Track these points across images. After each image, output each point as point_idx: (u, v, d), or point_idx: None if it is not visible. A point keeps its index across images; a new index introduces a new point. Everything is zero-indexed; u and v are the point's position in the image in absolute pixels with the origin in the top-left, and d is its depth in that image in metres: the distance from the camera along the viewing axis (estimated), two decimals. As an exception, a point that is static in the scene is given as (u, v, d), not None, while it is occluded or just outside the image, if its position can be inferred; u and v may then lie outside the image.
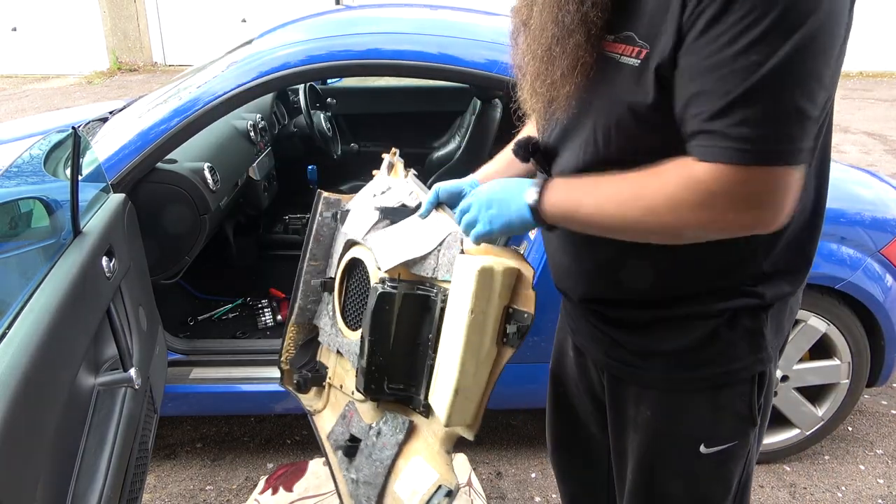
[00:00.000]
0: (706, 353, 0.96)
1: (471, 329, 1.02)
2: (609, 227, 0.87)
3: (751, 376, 0.98)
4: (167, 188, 2.03)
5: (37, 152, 1.35)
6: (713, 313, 0.94)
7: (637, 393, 1.04)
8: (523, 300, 1.02)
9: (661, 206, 0.79)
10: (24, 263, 1.29)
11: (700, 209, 0.77)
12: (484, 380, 1.06)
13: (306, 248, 1.50)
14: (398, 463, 1.19)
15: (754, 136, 0.72)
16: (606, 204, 0.85)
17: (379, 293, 1.15)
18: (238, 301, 2.66)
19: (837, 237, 1.98)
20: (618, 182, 0.84)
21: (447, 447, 1.13)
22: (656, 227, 0.83)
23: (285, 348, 1.55)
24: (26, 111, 7.37)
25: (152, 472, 2.16)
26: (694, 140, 0.77)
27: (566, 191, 0.91)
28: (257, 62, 1.98)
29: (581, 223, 0.90)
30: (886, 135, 6.50)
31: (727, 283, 0.94)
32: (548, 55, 0.86)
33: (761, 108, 0.72)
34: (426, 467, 1.13)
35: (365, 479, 1.25)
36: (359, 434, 1.31)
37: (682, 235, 0.83)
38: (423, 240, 1.18)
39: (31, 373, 1.00)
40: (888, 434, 2.39)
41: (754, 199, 0.76)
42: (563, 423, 1.29)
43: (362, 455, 1.28)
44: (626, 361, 1.03)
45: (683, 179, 0.77)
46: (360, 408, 1.32)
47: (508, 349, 1.05)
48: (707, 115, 0.74)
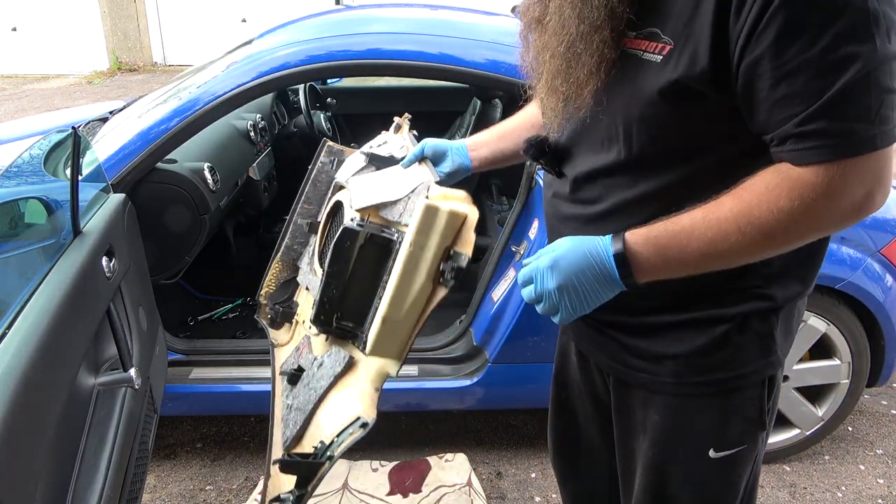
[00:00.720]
0: (717, 358, 0.95)
1: (408, 261, 1.03)
2: (722, 262, 0.84)
3: (761, 380, 0.97)
4: (167, 188, 2.03)
5: (37, 152, 1.35)
6: (725, 318, 0.94)
7: (644, 397, 1.03)
8: (464, 243, 1.03)
9: (778, 223, 0.78)
10: (24, 263, 1.29)
11: (819, 212, 0.77)
12: (414, 316, 1.07)
13: (302, 190, 1.54)
14: (330, 394, 1.21)
15: (857, 129, 0.73)
16: (714, 244, 0.81)
17: (343, 227, 1.17)
18: (238, 301, 2.66)
19: (837, 237, 1.98)
20: (715, 215, 0.80)
21: (377, 385, 1.15)
22: (776, 245, 0.81)
23: (266, 283, 1.57)
24: (26, 111, 7.37)
25: (152, 472, 2.16)
26: (787, 144, 0.76)
27: (657, 240, 0.84)
28: (257, 62, 1.98)
29: (687, 267, 0.85)
30: (886, 135, 6.49)
31: (740, 285, 0.92)
32: (571, 52, 0.84)
33: (858, 100, 0.73)
34: (353, 401, 1.16)
35: (298, 405, 1.27)
36: (305, 365, 1.34)
37: (802, 242, 0.82)
38: (397, 187, 1.21)
39: (31, 373, 1.00)
40: (888, 434, 2.39)
41: (866, 186, 0.76)
42: (565, 427, 1.28)
43: (302, 384, 1.31)
44: (634, 366, 1.02)
45: (793, 188, 0.76)
46: (313, 342, 1.35)
47: (442, 289, 1.06)
48: (802, 118, 0.74)
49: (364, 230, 1.16)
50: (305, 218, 1.54)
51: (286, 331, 1.55)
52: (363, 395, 1.15)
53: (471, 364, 2.10)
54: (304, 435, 1.21)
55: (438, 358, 2.13)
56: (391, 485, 2.03)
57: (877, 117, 0.73)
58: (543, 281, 0.87)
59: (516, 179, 2.08)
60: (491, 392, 2.09)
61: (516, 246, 2.05)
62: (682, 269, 0.85)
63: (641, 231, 0.85)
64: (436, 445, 2.29)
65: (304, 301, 1.50)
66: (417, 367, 2.12)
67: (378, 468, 2.10)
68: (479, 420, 2.42)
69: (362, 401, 1.15)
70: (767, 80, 0.75)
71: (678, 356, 0.97)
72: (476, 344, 2.10)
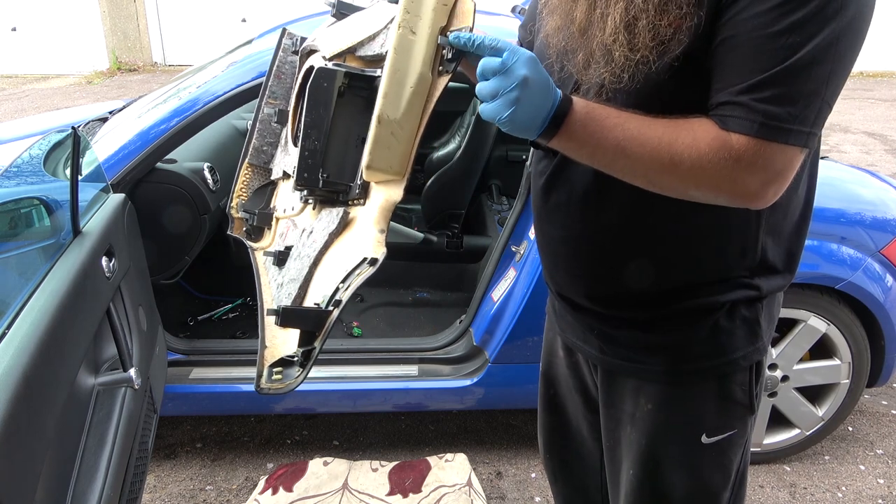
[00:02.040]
0: (707, 345, 0.98)
1: (399, 46, 0.91)
2: (625, 164, 0.82)
3: (749, 365, 1.00)
4: (167, 188, 2.03)
5: (37, 152, 1.35)
6: (715, 306, 0.96)
7: (636, 386, 1.04)
8: (461, 17, 0.91)
9: (687, 162, 0.79)
10: (24, 263, 1.29)
11: (723, 173, 0.78)
12: (416, 114, 0.94)
13: (266, 86, 1.41)
14: (326, 254, 1.09)
15: (781, 114, 0.75)
16: (631, 142, 0.80)
17: (317, 69, 1.05)
18: (238, 301, 2.66)
19: (837, 237, 1.98)
20: (648, 125, 0.80)
21: (381, 226, 1.00)
22: (672, 179, 0.81)
23: (237, 192, 1.43)
24: (26, 111, 7.37)
25: (152, 472, 2.16)
26: (720, 109, 0.78)
27: (594, 111, 0.82)
28: (257, 62, 1.98)
29: (596, 149, 0.82)
30: (886, 135, 6.50)
31: (727, 277, 0.95)
32: None
33: (792, 88, 0.75)
34: (355, 247, 1.03)
35: (290, 278, 1.15)
36: (292, 242, 1.22)
37: (690, 192, 0.82)
38: (373, 21, 1.09)
39: (31, 373, 1.00)
40: (888, 434, 2.39)
41: (768, 175, 0.78)
42: (554, 424, 1.29)
43: (291, 259, 1.19)
44: (625, 356, 1.03)
45: (716, 143, 0.78)
46: (300, 218, 1.24)
47: (443, 77, 0.93)
48: (740, 88, 0.76)
49: (341, 70, 1.04)
50: (272, 115, 1.41)
51: (267, 236, 1.41)
52: (366, 240, 1.02)
53: (471, 364, 2.10)
54: (303, 300, 1.10)
55: (438, 358, 2.13)
56: (391, 485, 2.03)
57: (801, 114, 0.76)
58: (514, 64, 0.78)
59: (516, 179, 2.08)
60: (491, 392, 2.09)
61: (516, 246, 2.05)
62: (592, 151, 0.82)
63: (587, 101, 0.83)
64: (436, 445, 2.29)
65: (283, 190, 1.37)
66: (417, 367, 2.12)
67: (378, 468, 2.10)
68: (479, 420, 2.42)
69: (365, 245, 1.02)
70: (725, 45, 0.77)
71: (668, 345, 0.99)
72: (476, 344, 2.10)
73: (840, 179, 2.16)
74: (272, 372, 1.00)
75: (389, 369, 2.11)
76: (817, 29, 0.73)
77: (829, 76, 0.75)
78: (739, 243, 0.93)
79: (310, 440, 2.32)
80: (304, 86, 1.27)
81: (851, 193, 2.11)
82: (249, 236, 1.42)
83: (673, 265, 0.95)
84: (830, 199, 1.99)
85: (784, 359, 2.05)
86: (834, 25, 0.73)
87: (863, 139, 6.33)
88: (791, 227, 0.97)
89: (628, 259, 0.96)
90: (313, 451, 2.26)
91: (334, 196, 1.12)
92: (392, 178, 0.98)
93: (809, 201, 0.99)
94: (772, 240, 0.95)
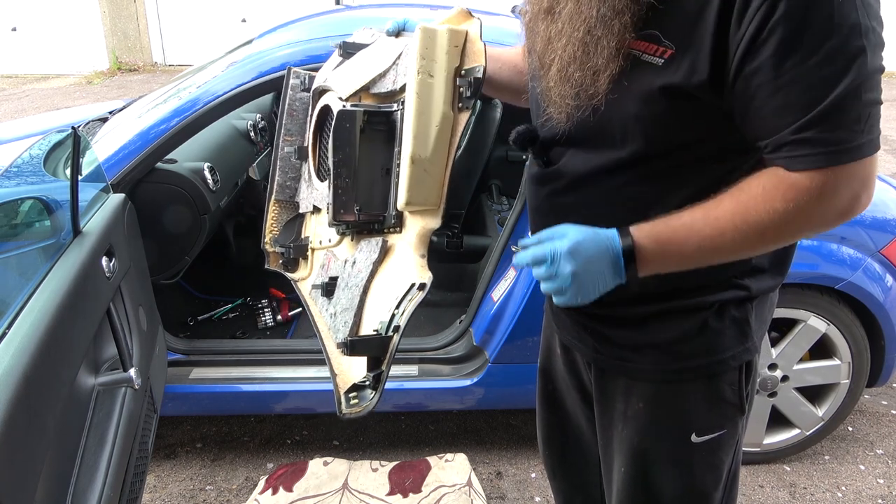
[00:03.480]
0: (696, 344, 0.99)
1: (420, 90, 0.98)
2: (718, 257, 0.87)
3: (739, 365, 1.01)
4: (167, 188, 2.03)
5: (37, 152, 1.35)
6: (704, 306, 0.97)
7: (627, 385, 1.05)
8: (472, 57, 0.99)
9: (772, 223, 0.81)
10: (24, 263, 1.29)
11: (811, 213, 0.81)
12: (443, 151, 1.01)
13: (280, 124, 1.49)
14: (373, 282, 1.16)
15: (847, 138, 0.77)
16: (711, 241, 0.84)
17: (339, 111, 1.12)
18: (238, 301, 2.66)
19: (837, 237, 1.98)
20: (715, 213, 0.84)
21: (421, 251, 1.08)
22: (769, 242, 0.86)
23: (268, 228, 1.51)
24: (26, 111, 7.37)
25: (152, 472, 2.16)
26: (783, 151, 0.80)
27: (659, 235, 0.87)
28: (257, 62, 1.98)
29: (683, 262, 0.88)
30: (886, 135, 6.49)
31: (719, 278, 0.96)
32: (589, 37, 0.84)
33: (849, 111, 0.76)
34: (400, 275, 1.10)
35: (343, 307, 1.21)
36: (336, 273, 1.28)
37: (794, 240, 0.88)
38: (381, 59, 1.15)
39: (32, 373, 1.00)
40: (888, 434, 2.39)
41: (854, 190, 0.80)
42: (552, 420, 1.30)
43: (339, 289, 1.25)
44: (617, 355, 1.04)
45: (790, 193, 0.80)
46: (337, 251, 1.30)
47: (464, 113, 1.02)
48: (798, 126, 0.77)
49: (360, 109, 1.11)
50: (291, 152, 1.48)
51: (303, 267, 1.48)
52: (409, 266, 1.10)
53: (471, 364, 2.10)
54: (360, 328, 1.16)
55: (438, 358, 2.13)
56: (391, 485, 2.03)
57: (865, 127, 0.77)
58: (559, 263, 0.87)
59: (516, 179, 2.08)
60: (491, 392, 2.09)
61: (516, 246, 2.05)
62: (680, 264, 0.88)
63: (645, 227, 0.87)
64: (436, 445, 2.29)
65: (315, 224, 1.44)
66: (417, 367, 2.12)
67: (378, 468, 2.10)
68: (479, 420, 2.42)
69: (410, 271, 1.09)
70: (765, 89, 0.78)
71: (659, 344, 1.00)
72: (476, 344, 2.10)
73: (840, 179, 2.16)
74: (349, 398, 1.07)
75: (389, 369, 2.11)
76: (852, 49, 0.75)
77: (874, 82, 0.77)
78: None
79: (310, 440, 2.32)
80: (320, 123, 1.34)
81: (851, 193, 2.11)
82: (286, 268, 1.50)
83: None
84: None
85: (784, 359, 2.05)
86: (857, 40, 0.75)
87: (863, 139, 6.33)
88: None
89: None
90: (313, 451, 2.26)
91: (369, 226, 1.19)
92: (429, 209, 1.06)
93: None
94: None
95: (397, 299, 1.06)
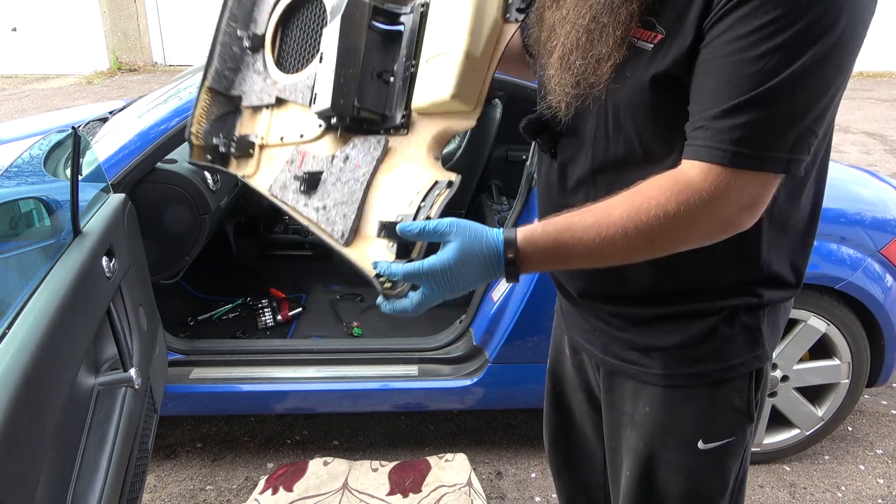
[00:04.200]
0: (705, 349, 0.97)
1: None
2: (602, 263, 0.86)
3: (748, 373, 0.99)
4: (167, 188, 2.03)
5: (37, 152, 1.35)
6: (714, 310, 0.95)
7: (635, 389, 1.04)
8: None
9: (661, 228, 0.79)
10: (24, 263, 1.29)
11: (698, 219, 0.78)
12: (488, 56, 1.00)
13: (225, 8, 1.40)
14: (377, 178, 1.12)
15: (753, 141, 0.74)
16: (603, 247, 0.83)
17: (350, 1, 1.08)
18: (238, 301, 2.66)
19: (837, 237, 1.98)
20: (606, 221, 0.82)
21: (436, 153, 1.05)
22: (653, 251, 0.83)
23: (196, 119, 1.39)
24: (26, 111, 7.37)
25: (152, 472, 2.16)
26: (694, 135, 0.78)
27: (545, 245, 0.86)
28: (257, 62, 1.98)
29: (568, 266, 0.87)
30: (886, 135, 6.50)
31: (730, 280, 0.94)
32: (594, 24, 0.82)
33: (767, 114, 0.73)
34: (415, 171, 1.06)
35: (337, 201, 1.16)
36: (318, 168, 1.22)
37: (672, 251, 0.84)
38: None
39: (31, 373, 1.00)
40: (888, 434, 2.40)
41: (741, 201, 0.77)
42: (559, 421, 1.29)
43: (326, 184, 1.20)
44: (624, 358, 1.03)
45: (683, 196, 0.77)
46: (314, 147, 1.25)
47: (510, 26, 1.00)
48: (714, 114, 0.75)
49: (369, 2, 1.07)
50: (233, 41, 1.39)
51: (246, 164, 1.39)
52: (422, 165, 1.06)
53: (471, 364, 2.10)
54: (362, 221, 1.12)
55: (438, 358, 2.13)
56: (391, 485, 2.03)
57: (778, 142, 0.74)
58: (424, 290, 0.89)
59: (516, 179, 2.08)
60: (491, 392, 2.09)
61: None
62: (563, 267, 0.88)
63: (532, 234, 0.86)
64: (436, 445, 2.29)
65: (270, 119, 1.36)
66: (417, 367, 2.12)
67: (378, 468, 2.10)
68: (479, 420, 2.42)
69: (424, 168, 1.06)
70: (703, 68, 0.76)
71: (667, 348, 0.98)
72: (476, 344, 2.10)
73: (840, 179, 2.16)
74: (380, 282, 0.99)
75: (389, 369, 2.11)
76: (798, 53, 0.71)
77: (812, 101, 0.74)
78: (737, 253, 0.92)
79: (310, 440, 2.32)
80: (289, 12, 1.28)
81: (851, 193, 2.11)
82: (220, 163, 1.39)
83: (668, 267, 0.93)
84: (830, 199, 1.97)
85: (784, 359, 2.05)
86: (817, 49, 0.71)
87: (863, 139, 6.33)
88: (794, 241, 0.95)
89: None
90: (313, 451, 2.26)
91: (361, 124, 1.14)
92: (464, 110, 1.03)
93: (815, 214, 0.97)
94: (774, 253, 0.93)
95: (419, 193, 1.02)
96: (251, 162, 1.38)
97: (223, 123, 1.42)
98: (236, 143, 1.37)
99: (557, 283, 1.12)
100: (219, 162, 1.39)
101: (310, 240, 2.86)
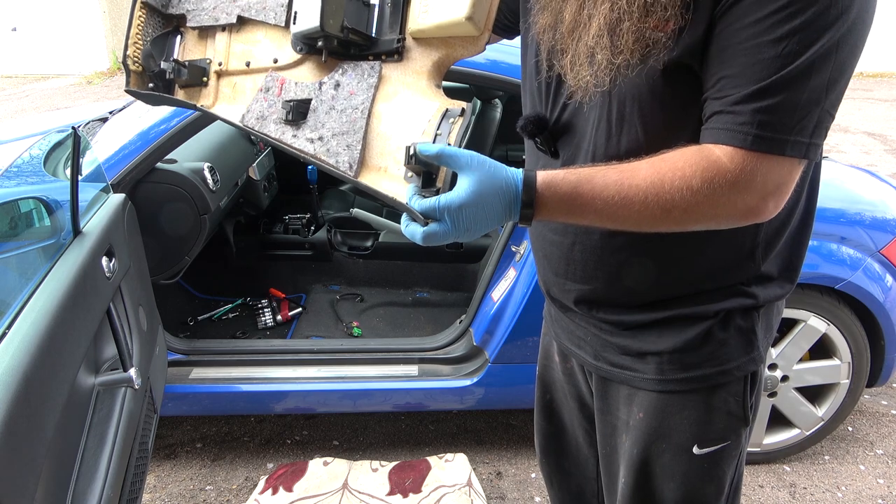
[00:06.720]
0: (700, 354, 0.96)
1: None
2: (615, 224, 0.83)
3: (743, 376, 0.98)
4: (167, 188, 2.03)
5: (37, 152, 1.35)
6: (709, 314, 0.94)
7: (629, 394, 1.03)
8: None
9: (682, 201, 0.77)
10: (24, 263, 1.29)
11: (720, 200, 0.77)
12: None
13: None
14: (376, 106, 1.06)
15: (778, 125, 0.73)
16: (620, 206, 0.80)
17: None
18: (238, 301, 2.67)
19: (837, 237, 1.98)
20: (628, 182, 0.79)
21: (437, 81, 1.00)
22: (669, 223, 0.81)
23: (132, 41, 1.22)
24: (26, 111, 7.37)
25: (152, 472, 2.16)
26: (714, 120, 0.77)
27: (565, 192, 0.82)
28: (257, 62, 1.98)
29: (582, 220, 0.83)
30: (886, 135, 6.50)
31: (724, 284, 0.94)
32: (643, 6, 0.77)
33: (790, 98, 0.73)
34: (418, 99, 1.02)
35: (336, 131, 1.09)
36: (305, 96, 1.13)
37: (690, 227, 0.81)
38: None
39: (31, 373, 1.00)
40: (888, 434, 2.40)
41: (768, 189, 0.77)
42: (549, 430, 1.28)
43: (318, 113, 1.11)
44: (617, 363, 1.02)
45: (708, 173, 0.76)
46: (294, 73, 1.15)
47: None
48: (735, 98, 0.74)
49: None
50: None
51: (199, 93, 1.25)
52: (428, 94, 1.02)
53: (471, 364, 2.10)
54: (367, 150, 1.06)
55: (438, 358, 2.13)
56: (391, 485, 2.03)
57: (800, 125, 0.74)
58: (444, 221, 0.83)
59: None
60: (491, 392, 2.09)
61: (516, 246, 2.05)
62: (577, 221, 0.84)
63: (553, 178, 0.82)
64: (436, 445, 2.29)
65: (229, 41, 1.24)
66: (417, 367, 2.12)
67: (378, 468, 2.10)
68: (479, 420, 2.42)
69: (434, 98, 1.01)
70: (721, 55, 0.75)
71: (661, 352, 0.97)
72: (476, 344, 2.10)
73: (840, 179, 2.16)
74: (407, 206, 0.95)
75: (389, 369, 2.11)
76: (816, 36, 0.71)
77: (829, 84, 0.74)
78: (734, 252, 0.92)
79: (310, 440, 2.32)
80: None
81: (851, 193, 2.11)
82: (160, 90, 1.24)
83: (664, 271, 0.93)
84: (830, 199, 2.00)
85: (784, 359, 2.05)
86: (833, 32, 0.71)
87: (863, 139, 6.33)
88: (790, 237, 0.95)
89: (620, 264, 0.94)
90: (313, 451, 2.26)
91: (349, 49, 1.08)
92: (472, 35, 0.99)
93: (810, 210, 0.96)
94: (769, 249, 0.93)
95: (430, 122, 0.98)
96: (207, 91, 1.24)
97: (165, 45, 1.26)
98: (189, 67, 1.22)
99: (544, 289, 1.10)
100: (163, 90, 1.23)
101: (310, 240, 2.86)
